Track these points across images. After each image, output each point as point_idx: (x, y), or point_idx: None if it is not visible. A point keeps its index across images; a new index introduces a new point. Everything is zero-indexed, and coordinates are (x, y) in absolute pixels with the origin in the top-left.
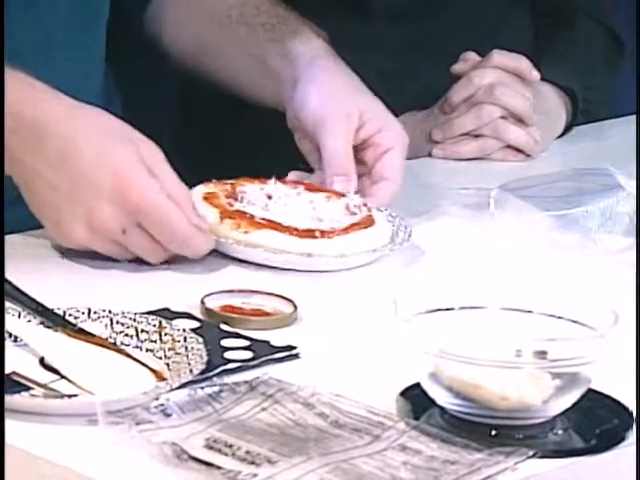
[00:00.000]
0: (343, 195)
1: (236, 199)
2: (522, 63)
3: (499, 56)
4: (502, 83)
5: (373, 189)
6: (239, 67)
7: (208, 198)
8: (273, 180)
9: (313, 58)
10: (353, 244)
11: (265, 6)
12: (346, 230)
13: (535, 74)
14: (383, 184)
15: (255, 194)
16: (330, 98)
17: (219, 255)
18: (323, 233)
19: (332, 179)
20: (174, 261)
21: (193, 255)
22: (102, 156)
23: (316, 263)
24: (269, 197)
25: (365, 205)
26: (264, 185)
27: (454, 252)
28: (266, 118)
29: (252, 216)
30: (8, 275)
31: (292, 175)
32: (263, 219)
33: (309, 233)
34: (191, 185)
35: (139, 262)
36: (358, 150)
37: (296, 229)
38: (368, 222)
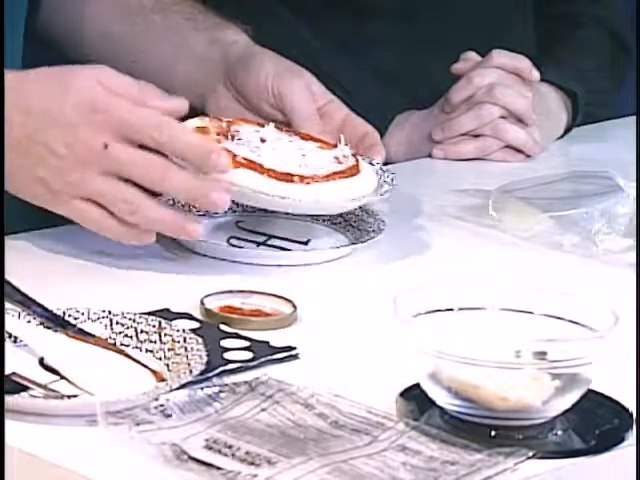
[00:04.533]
0: (335, 146)
1: (227, 138)
2: (522, 63)
3: (499, 56)
4: (502, 83)
5: (368, 153)
6: (145, 53)
7: (197, 132)
8: (271, 125)
9: (249, 45)
10: (331, 191)
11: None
12: (327, 177)
13: (535, 74)
14: (370, 142)
15: (249, 135)
16: (286, 64)
17: (219, 256)
18: (302, 178)
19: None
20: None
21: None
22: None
23: (290, 206)
24: (262, 140)
25: (354, 155)
26: (260, 128)
27: (454, 253)
28: None
29: (234, 155)
30: (8, 276)
31: None
32: (244, 159)
33: (287, 177)
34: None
35: (139, 262)
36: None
37: (274, 171)
38: (353, 171)
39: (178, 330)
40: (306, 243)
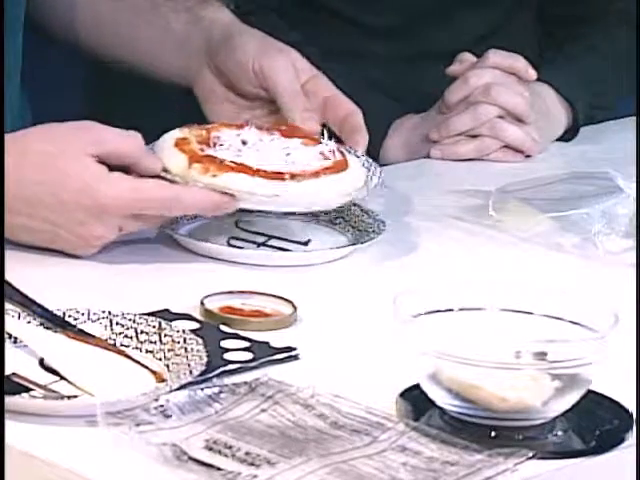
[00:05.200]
0: (319, 142)
1: (209, 145)
2: (518, 62)
3: (495, 56)
4: (499, 82)
5: (350, 140)
6: (136, 37)
7: (179, 144)
8: (250, 126)
9: (231, 23)
10: (323, 187)
11: None
12: (317, 174)
13: (532, 72)
14: (352, 124)
15: (230, 139)
16: (269, 41)
17: (219, 256)
18: (293, 176)
19: (301, 117)
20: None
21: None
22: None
23: (283, 204)
24: (244, 143)
25: (340, 151)
26: (240, 131)
27: (454, 253)
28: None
29: (222, 160)
30: (8, 276)
31: None
32: (232, 162)
33: (278, 175)
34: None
35: (139, 263)
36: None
37: (265, 171)
38: (341, 166)
39: (178, 331)
40: (306, 244)
